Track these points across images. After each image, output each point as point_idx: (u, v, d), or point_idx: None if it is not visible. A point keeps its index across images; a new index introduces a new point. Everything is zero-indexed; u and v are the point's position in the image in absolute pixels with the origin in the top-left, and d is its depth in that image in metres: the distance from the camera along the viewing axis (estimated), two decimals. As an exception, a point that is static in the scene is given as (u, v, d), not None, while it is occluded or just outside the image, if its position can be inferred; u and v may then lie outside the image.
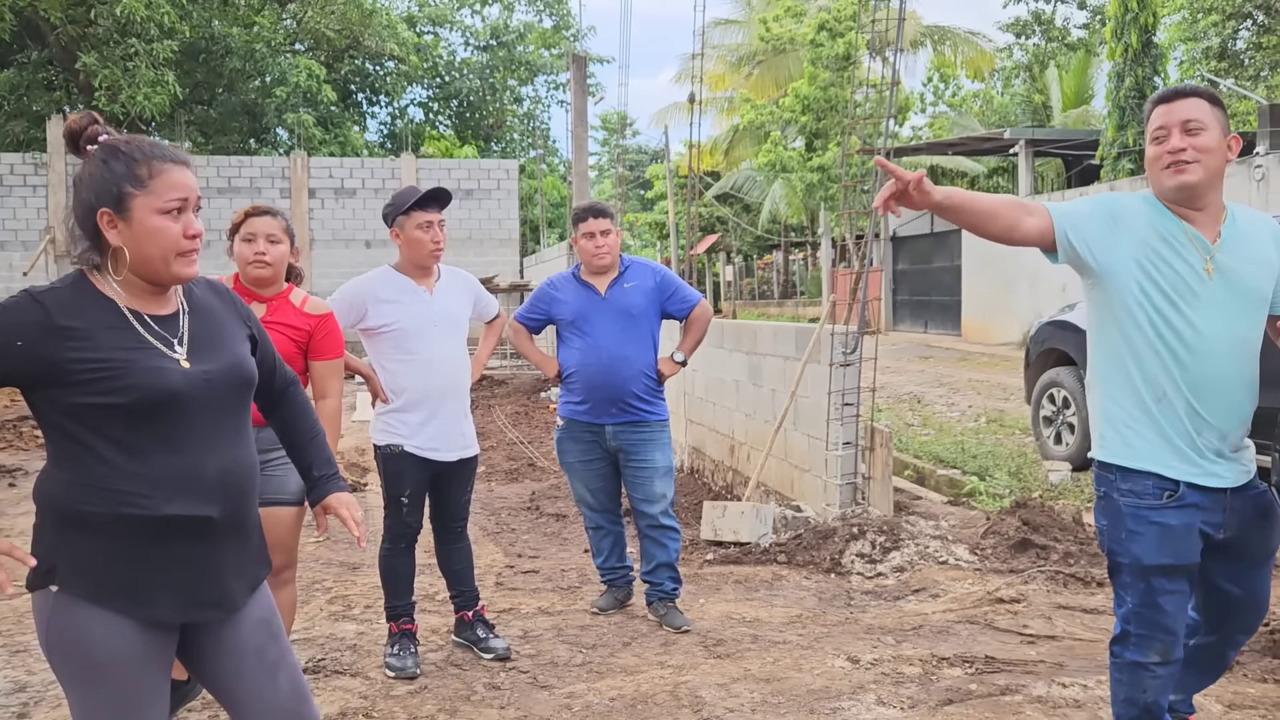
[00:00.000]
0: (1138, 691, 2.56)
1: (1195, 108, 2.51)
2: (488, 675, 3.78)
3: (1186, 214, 2.54)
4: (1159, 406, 2.50)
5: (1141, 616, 2.54)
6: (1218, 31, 19.68)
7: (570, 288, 4.44)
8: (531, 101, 29.69)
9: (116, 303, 1.97)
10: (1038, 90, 28.21)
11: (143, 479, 1.92)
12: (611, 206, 4.53)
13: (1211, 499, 2.51)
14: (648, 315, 4.37)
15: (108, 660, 1.93)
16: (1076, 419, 8.01)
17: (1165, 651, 2.54)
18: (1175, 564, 2.51)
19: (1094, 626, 4.25)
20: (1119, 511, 2.54)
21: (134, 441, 1.92)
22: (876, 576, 5.14)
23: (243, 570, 2.08)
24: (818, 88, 23.55)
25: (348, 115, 26.08)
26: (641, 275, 4.42)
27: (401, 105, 28.13)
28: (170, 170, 1.97)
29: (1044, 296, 18.75)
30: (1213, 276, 2.50)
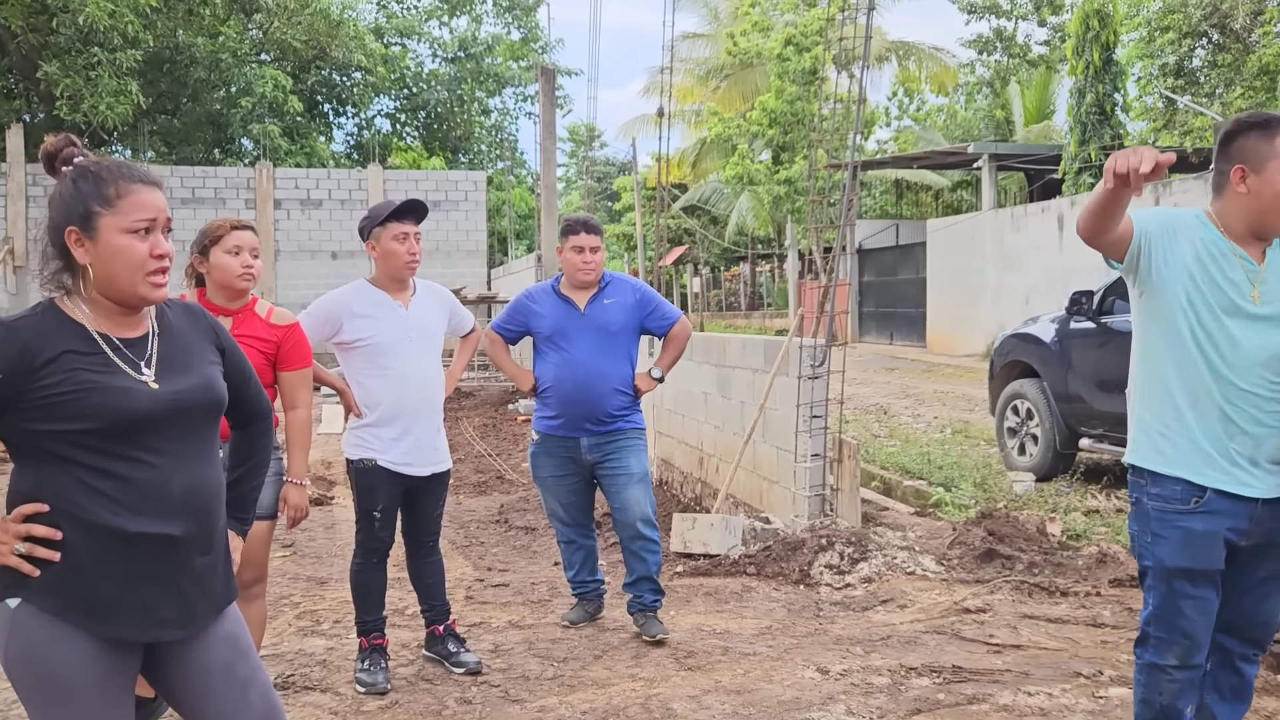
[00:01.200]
0: (1154, 693, 2.62)
1: None
2: (459, 690, 3.78)
3: (1245, 240, 2.59)
4: (1193, 412, 2.54)
5: (1162, 619, 2.60)
6: (1174, 49, 20.07)
7: (549, 301, 4.41)
8: (499, 113, 29.72)
9: (86, 326, 1.98)
10: (1000, 105, 28.62)
11: (108, 496, 1.93)
12: (600, 225, 4.51)
13: (1239, 506, 2.55)
14: (626, 332, 4.36)
15: (68, 677, 1.92)
16: (1040, 430, 8.12)
17: (1183, 655, 2.59)
18: (1195, 568, 2.56)
19: (1059, 635, 4.32)
20: (1147, 515, 2.61)
21: (100, 461, 1.93)
22: (845, 587, 5.19)
23: (209, 590, 2.07)
24: (784, 102, 23.76)
25: (314, 126, 25.95)
26: (621, 292, 4.40)
27: (368, 116, 28.07)
28: (139, 191, 1.97)
29: (1007, 309, 18.99)
30: (1258, 299, 2.55)
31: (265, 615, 3.45)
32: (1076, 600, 4.81)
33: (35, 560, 1.93)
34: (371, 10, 28.20)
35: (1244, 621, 2.71)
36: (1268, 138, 2.52)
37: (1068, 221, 17.77)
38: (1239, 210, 2.57)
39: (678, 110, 34.35)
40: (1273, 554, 2.64)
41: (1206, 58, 20.39)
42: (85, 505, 1.92)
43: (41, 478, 1.95)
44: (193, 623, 2.04)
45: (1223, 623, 2.71)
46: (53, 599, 1.93)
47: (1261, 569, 2.66)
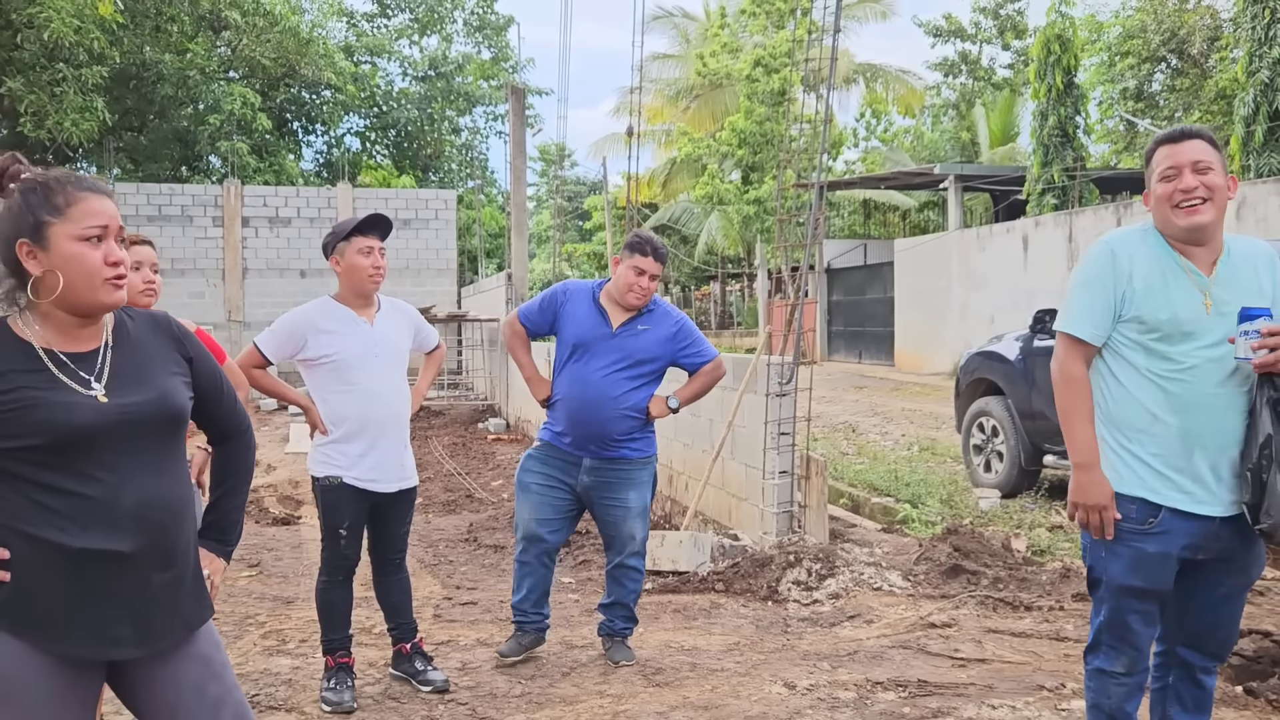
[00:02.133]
0: (1103, 697, 2.70)
1: (1201, 149, 2.61)
2: (426, 708, 3.76)
3: (1186, 249, 2.64)
4: (1152, 428, 2.58)
5: (1111, 629, 2.67)
6: (1134, 74, 20.48)
7: (584, 305, 4.17)
8: (470, 132, 29.73)
9: (33, 344, 1.97)
10: (966, 127, 29.02)
11: (55, 512, 1.91)
12: (668, 253, 4.22)
13: (1196, 525, 2.59)
14: (653, 361, 4.15)
15: (23, 696, 1.90)
16: (1005, 447, 8.21)
17: (1130, 664, 2.67)
18: (1146, 588, 2.62)
19: (1023, 649, 4.36)
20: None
21: (48, 477, 1.92)
22: (813, 603, 5.21)
23: (171, 608, 2.04)
24: (754, 122, 23.95)
25: (283, 144, 25.84)
26: (661, 322, 4.18)
27: (338, 134, 27.96)
28: (88, 199, 1.97)
29: (974, 327, 19.19)
30: (1210, 311, 2.59)
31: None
32: (1040, 614, 4.86)
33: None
34: (341, 29, 28.20)
35: (1206, 635, 2.75)
36: (1149, 157, 2.70)
37: (1032, 242, 18.02)
38: (1155, 223, 2.69)
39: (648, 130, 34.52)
40: (1235, 570, 2.69)
41: (1166, 82, 20.82)
42: (33, 522, 1.90)
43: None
44: (151, 641, 2.01)
45: (1185, 636, 2.76)
46: (6, 617, 1.91)
47: (1223, 585, 2.71)
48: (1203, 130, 2.71)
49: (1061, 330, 2.69)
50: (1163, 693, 2.82)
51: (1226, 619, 2.76)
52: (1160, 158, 2.66)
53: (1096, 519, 2.60)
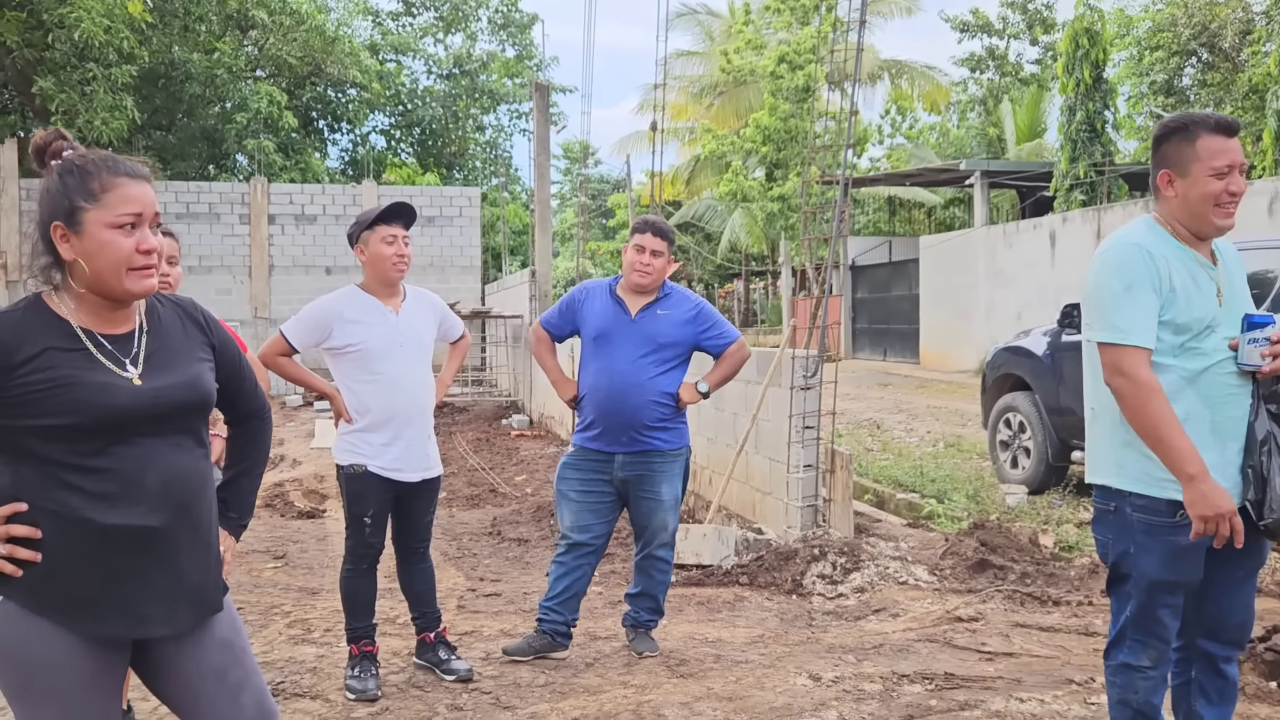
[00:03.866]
0: (1130, 693, 2.65)
1: (1241, 148, 2.57)
2: (450, 697, 3.76)
3: (1195, 243, 2.61)
4: (1185, 427, 2.52)
5: (1139, 624, 2.62)
6: (1163, 68, 20.23)
7: (601, 299, 4.20)
8: (494, 130, 29.79)
9: (70, 322, 1.98)
10: (992, 123, 28.78)
11: (84, 491, 1.92)
12: (674, 232, 4.22)
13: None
14: (676, 345, 4.13)
15: (51, 676, 1.92)
16: (1032, 443, 8.13)
17: (1157, 657, 2.63)
18: (1179, 580, 2.59)
19: (1050, 644, 4.32)
20: (1130, 526, 2.58)
21: (78, 456, 1.92)
22: (838, 597, 5.18)
23: (196, 589, 2.05)
24: (778, 119, 23.86)
25: (309, 142, 25.98)
26: (679, 305, 4.19)
27: (363, 132, 28.09)
28: (124, 185, 1.96)
29: (999, 325, 19.04)
30: (1222, 302, 2.58)
31: None
32: (1069, 609, 4.81)
33: (16, 560, 1.92)
34: (367, 27, 28.31)
35: (1225, 622, 2.72)
36: (1189, 140, 2.58)
37: (1060, 238, 17.85)
38: (1174, 214, 2.62)
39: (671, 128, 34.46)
40: (1248, 554, 2.65)
41: (1196, 76, 20.56)
42: (62, 500, 1.92)
43: (19, 474, 1.95)
44: (177, 620, 2.02)
45: (1205, 628, 2.73)
46: (33, 596, 1.92)
47: (1241, 568, 2.69)
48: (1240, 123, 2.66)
49: (1121, 343, 2.52)
50: (1186, 688, 2.78)
51: (1242, 603, 2.73)
52: (1215, 149, 2.55)
53: (1226, 526, 2.45)
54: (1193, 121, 2.62)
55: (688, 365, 4.25)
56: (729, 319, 34.92)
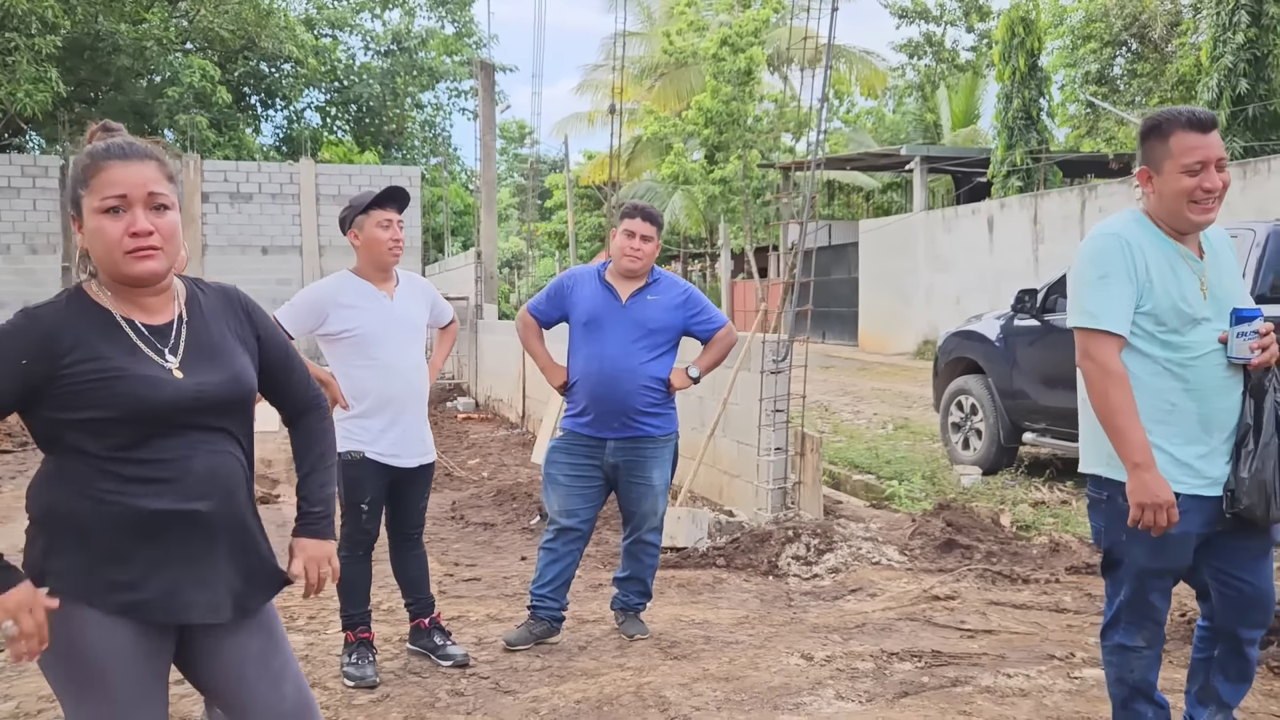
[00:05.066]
0: (1126, 671, 2.75)
1: (1220, 143, 2.61)
2: (449, 682, 3.76)
3: (1180, 236, 2.68)
4: (1170, 418, 2.61)
5: (1133, 607, 2.72)
6: (1096, 58, 20.75)
7: (591, 285, 4.19)
8: (433, 108, 29.37)
9: (111, 311, 1.95)
10: (929, 109, 29.23)
11: (130, 478, 1.91)
12: (661, 217, 4.24)
13: (1211, 504, 2.65)
14: (666, 331, 4.15)
15: (102, 663, 1.91)
16: (984, 425, 8.35)
17: (1150, 637, 2.73)
18: (1167, 568, 2.69)
19: (1026, 620, 4.46)
20: (1121, 515, 2.64)
21: (122, 447, 1.91)
22: (813, 578, 5.28)
23: (244, 575, 2.04)
24: (720, 101, 23.93)
25: (242, 118, 25.36)
26: (668, 291, 4.20)
27: (298, 109, 27.50)
28: (109, 168, 1.90)
29: (939, 309, 19.45)
30: (1206, 295, 2.65)
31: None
32: (1038, 587, 4.97)
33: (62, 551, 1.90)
34: (302, 1, 27.69)
35: (1248, 602, 2.76)
36: (1163, 138, 2.65)
37: (998, 223, 18.26)
38: (1154, 209, 2.70)
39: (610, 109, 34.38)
40: (1252, 533, 2.72)
41: (1126, 66, 21.12)
42: (107, 488, 1.90)
43: (63, 464, 1.93)
44: (225, 607, 2.00)
45: (1232, 614, 2.78)
46: (80, 586, 1.90)
47: (1251, 543, 2.74)
48: (1217, 120, 2.74)
49: (1091, 327, 2.59)
50: (1206, 662, 2.87)
51: (1263, 582, 2.77)
52: (1188, 146, 2.60)
53: (1163, 516, 2.53)
54: (1167, 119, 2.67)
55: (677, 350, 4.28)
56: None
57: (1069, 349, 7.96)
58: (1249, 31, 14.03)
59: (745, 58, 23.90)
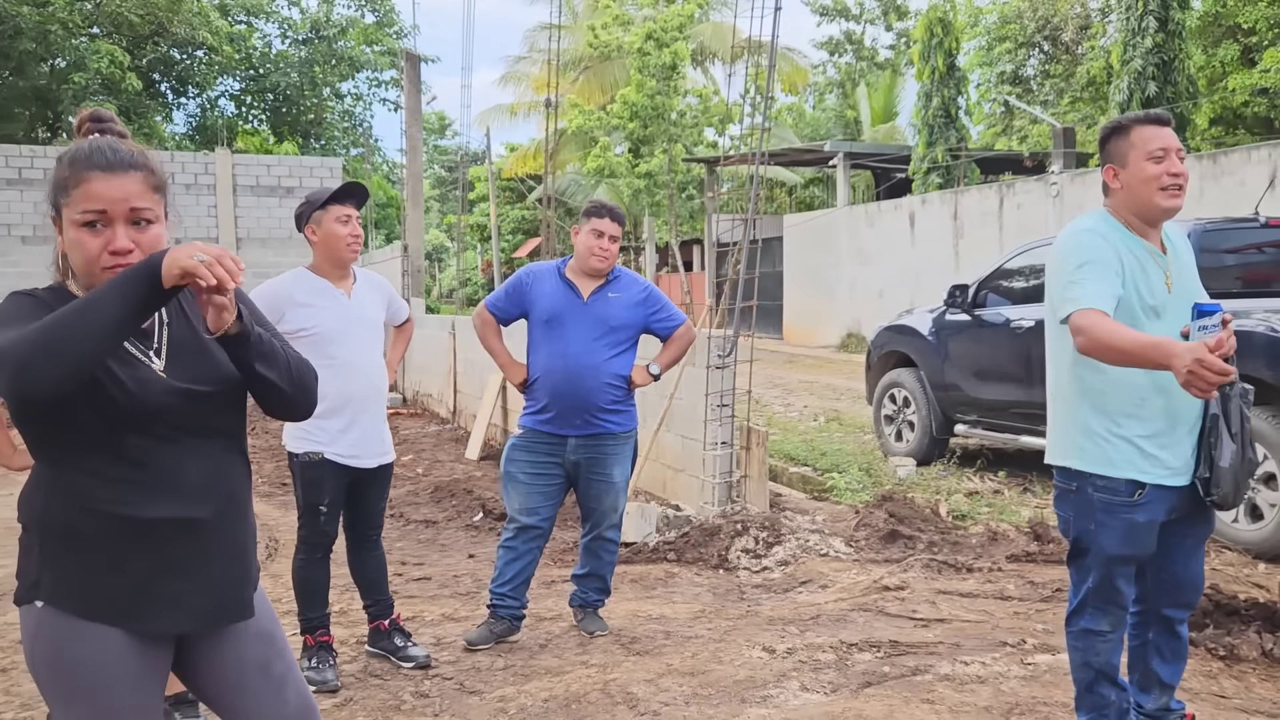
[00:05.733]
0: (1091, 655, 2.85)
1: (1176, 137, 2.74)
2: (412, 684, 3.72)
3: (1145, 231, 2.79)
4: (1140, 411, 2.70)
5: (1100, 594, 2.81)
6: (1011, 58, 21.32)
7: (551, 281, 4.16)
8: (353, 98, 28.83)
9: None
10: (849, 106, 29.70)
11: (125, 483, 1.84)
12: (624, 216, 4.25)
13: (1173, 494, 2.77)
14: (628, 328, 4.15)
15: (98, 677, 1.85)
16: (916, 417, 8.52)
17: (1115, 622, 2.84)
18: (1134, 555, 2.79)
19: (974, 609, 4.58)
20: (1091, 505, 2.75)
21: (114, 448, 1.84)
22: (762, 570, 5.34)
23: (241, 580, 2.00)
24: (645, 95, 23.99)
25: (153, 105, 24.58)
26: (628, 288, 4.20)
27: (212, 97, 26.73)
28: (92, 180, 1.81)
29: (862, 302, 19.79)
30: (1171, 289, 2.76)
31: None
32: (982, 575, 5.10)
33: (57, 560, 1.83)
34: (215, -14, 26.91)
35: (1181, 586, 2.95)
36: (1124, 134, 2.81)
37: (919, 219, 18.65)
38: (1123, 204, 2.81)
39: (533, 101, 34.20)
40: (1196, 522, 2.90)
41: (1039, 67, 21.74)
42: (102, 496, 1.83)
43: (55, 470, 1.86)
44: (225, 614, 1.96)
45: (1164, 592, 2.95)
46: (76, 598, 1.84)
47: (1190, 536, 2.92)
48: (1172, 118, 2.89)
49: (1085, 306, 2.62)
50: (1143, 648, 3.01)
51: (1195, 568, 2.97)
52: (1147, 137, 2.75)
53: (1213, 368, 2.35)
54: (1126, 119, 2.85)
55: (636, 348, 4.29)
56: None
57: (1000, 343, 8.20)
58: (1157, 36, 14.57)
59: (670, 52, 23.99)
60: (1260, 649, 3.89)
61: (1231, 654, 3.86)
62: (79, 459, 1.84)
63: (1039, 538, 5.65)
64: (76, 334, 1.66)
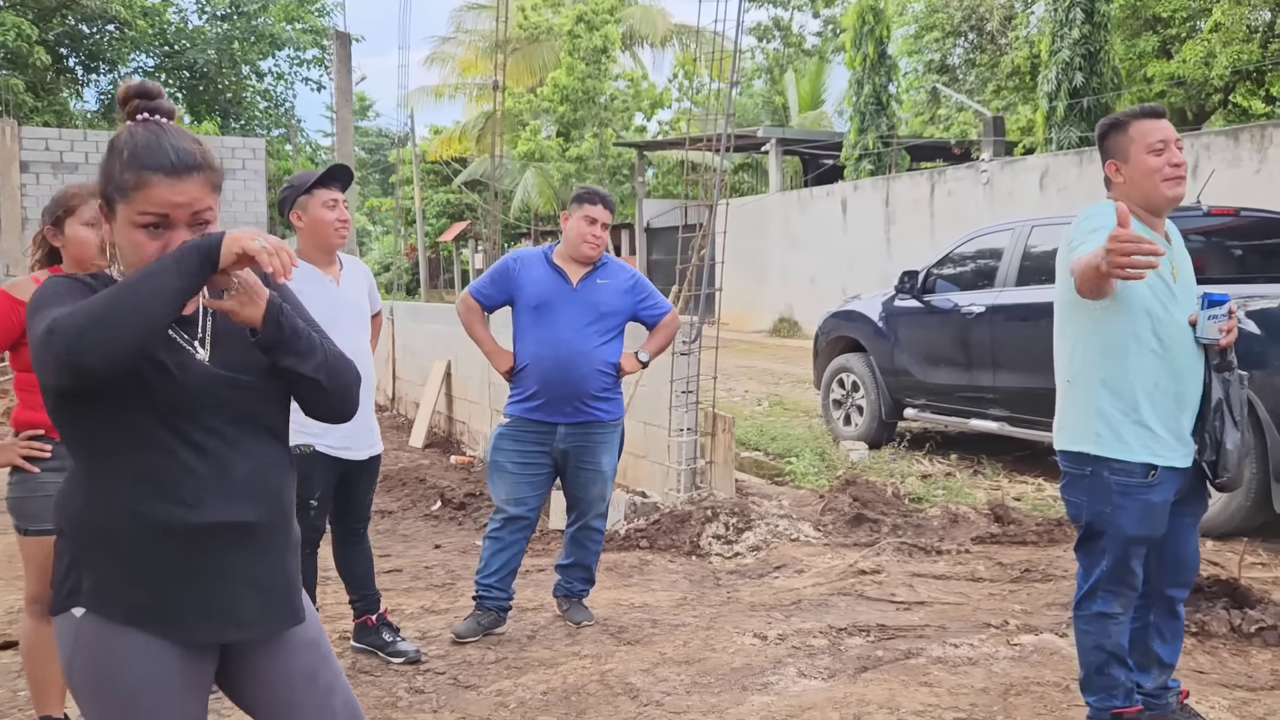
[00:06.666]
0: (1104, 638, 2.90)
1: (1172, 127, 2.82)
2: (404, 680, 3.64)
3: (1151, 222, 2.86)
4: (1153, 395, 2.77)
5: (1114, 577, 2.87)
6: (939, 47, 21.68)
7: (540, 267, 4.11)
8: (274, 77, 28.05)
9: None
10: (777, 92, 29.91)
11: (171, 484, 1.75)
12: (615, 203, 4.23)
13: (1180, 474, 2.86)
14: (617, 314, 4.14)
15: (140, 688, 1.76)
16: (865, 401, 8.64)
17: (1126, 604, 2.91)
18: (1150, 535, 2.86)
19: (951, 591, 4.66)
20: (1107, 488, 2.81)
21: (160, 443, 1.75)
22: (735, 556, 5.36)
23: (290, 585, 1.92)
24: (575, 79, 23.86)
25: (61, 81, 23.58)
26: (616, 275, 4.18)
27: (124, 73, 25.70)
28: (156, 185, 1.72)
29: (795, 287, 19.99)
30: (1176, 278, 2.85)
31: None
32: (951, 558, 5.20)
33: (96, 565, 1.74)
34: (127, -42, 25.86)
35: (1180, 564, 3.04)
36: (1123, 130, 2.89)
37: (851, 205, 18.89)
38: (1128, 196, 2.87)
39: (460, 83, 33.72)
40: (1194, 502, 3.01)
41: (965, 56, 22.17)
42: (146, 499, 1.74)
43: (94, 469, 1.77)
44: (273, 622, 1.88)
45: (1167, 575, 3.02)
46: (120, 606, 1.75)
47: (1189, 515, 3.02)
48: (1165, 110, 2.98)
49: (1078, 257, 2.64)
50: (1143, 630, 3.09)
51: (1193, 547, 3.07)
52: (1146, 129, 2.83)
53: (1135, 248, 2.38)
54: (1123, 115, 2.93)
55: (623, 336, 4.25)
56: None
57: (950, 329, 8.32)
58: (1083, 28, 14.95)
59: (600, 35, 23.90)
60: (1229, 625, 4.03)
61: (1203, 630, 3.99)
62: (123, 456, 1.74)
63: (999, 519, 5.78)
64: (132, 307, 1.61)
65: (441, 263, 42.63)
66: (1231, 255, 6.96)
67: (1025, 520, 5.70)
